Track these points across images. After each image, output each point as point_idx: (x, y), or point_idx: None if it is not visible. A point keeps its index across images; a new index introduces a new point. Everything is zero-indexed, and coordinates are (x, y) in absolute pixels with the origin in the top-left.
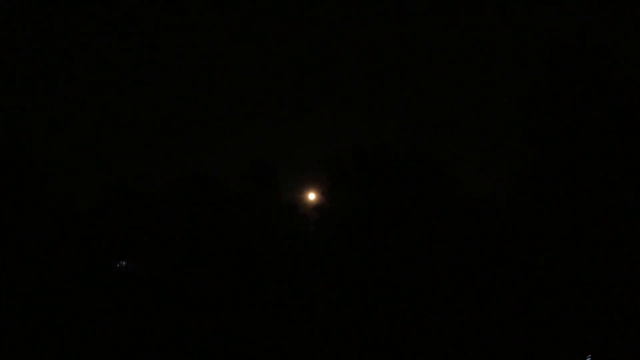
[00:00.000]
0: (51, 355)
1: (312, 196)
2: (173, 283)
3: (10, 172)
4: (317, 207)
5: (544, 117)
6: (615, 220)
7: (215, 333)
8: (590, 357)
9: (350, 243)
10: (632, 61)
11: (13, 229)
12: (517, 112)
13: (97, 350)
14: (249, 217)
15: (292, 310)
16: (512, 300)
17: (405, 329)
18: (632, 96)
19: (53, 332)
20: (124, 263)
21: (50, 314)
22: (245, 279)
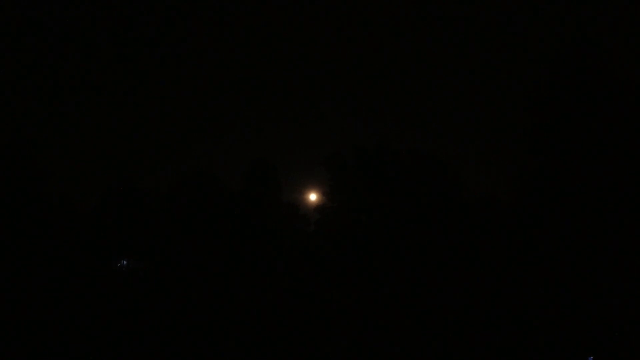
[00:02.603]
0: (52, 354)
1: (313, 196)
2: (174, 282)
3: (12, 173)
4: (318, 207)
5: (546, 117)
6: (617, 220)
7: (216, 331)
8: (592, 358)
9: (351, 243)
10: (633, 62)
11: (15, 229)
12: (519, 112)
13: (98, 349)
14: (250, 216)
15: (292, 309)
16: (513, 300)
17: (406, 328)
18: (634, 97)
19: (54, 330)
20: (125, 262)
21: (52, 313)
22: (246, 278)
